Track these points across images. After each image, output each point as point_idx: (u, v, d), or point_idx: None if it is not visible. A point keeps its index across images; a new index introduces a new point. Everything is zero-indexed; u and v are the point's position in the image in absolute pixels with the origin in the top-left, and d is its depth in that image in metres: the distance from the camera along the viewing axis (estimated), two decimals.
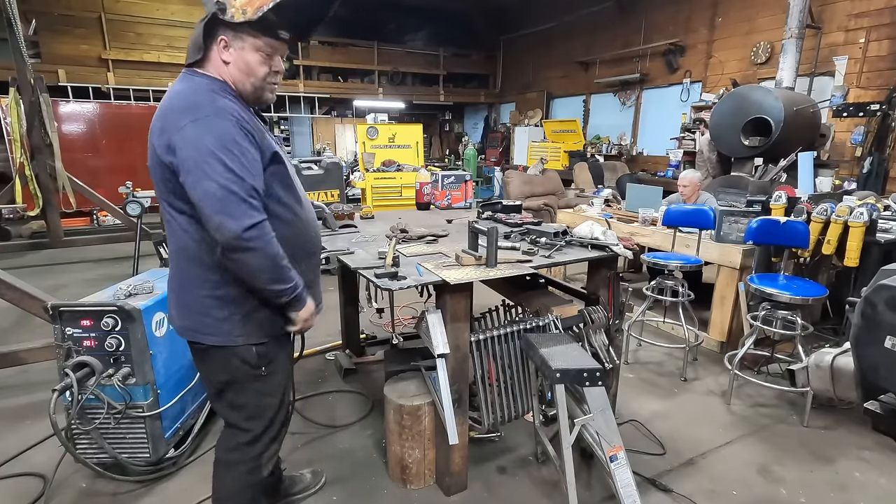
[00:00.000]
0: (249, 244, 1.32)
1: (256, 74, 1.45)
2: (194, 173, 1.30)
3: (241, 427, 1.60)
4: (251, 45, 1.42)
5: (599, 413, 1.84)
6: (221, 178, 1.29)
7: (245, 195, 1.32)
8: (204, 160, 1.29)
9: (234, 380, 1.54)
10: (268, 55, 1.45)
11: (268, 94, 1.51)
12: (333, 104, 12.30)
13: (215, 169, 1.29)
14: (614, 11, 9.37)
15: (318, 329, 3.84)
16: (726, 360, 3.19)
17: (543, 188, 7.54)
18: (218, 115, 1.33)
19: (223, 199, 1.29)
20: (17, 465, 2.33)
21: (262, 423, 1.61)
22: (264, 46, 1.43)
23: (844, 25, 6.09)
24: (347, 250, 2.33)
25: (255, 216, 1.33)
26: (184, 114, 1.33)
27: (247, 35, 1.40)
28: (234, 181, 1.31)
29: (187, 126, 1.31)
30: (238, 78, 1.44)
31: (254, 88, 1.47)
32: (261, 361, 1.54)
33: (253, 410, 1.59)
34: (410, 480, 2.24)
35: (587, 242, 2.40)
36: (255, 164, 1.38)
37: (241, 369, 1.52)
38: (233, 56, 1.42)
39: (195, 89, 1.39)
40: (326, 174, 4.21)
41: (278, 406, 1.65)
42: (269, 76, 1.48)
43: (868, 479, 2.36)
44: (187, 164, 1.30)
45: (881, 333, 2.32)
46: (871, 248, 3.14)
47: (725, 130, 5.65)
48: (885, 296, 2.30)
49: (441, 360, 2.02)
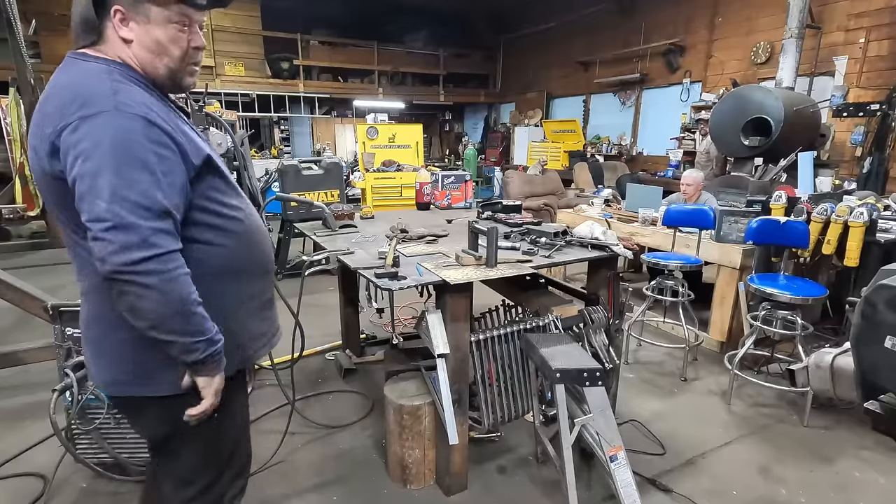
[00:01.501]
0: (143, 280, 1.01)
1: (171, 54, 1.14)
2: (81, 189, 1.01)
3: (189, 478, 1.32)
4: (160, 16, 1.11)
5: (599, 413, 1.84)
6: (115, 195, 0.99)
7: (149, 217, 1.02)
8: (95, 171, 1.00)
9: (179, 431, 1.23)
10: (184, 26, 1.14)
11: (187, 76, 1.21)
12: (333, 104, 12.30)
13: (107, 183, 0.99)
14: (614, 11, 9.38)
15: (317, 329, 3.87)
16: (726, 360, 3.19)
17: (543, 188, 7.54)
18: (119, 111, 1.03)
19: (114, 222, 0.99)
20: (17, 465, 2.33)
21: (216, 468, 1.35)
22: (177, 16, 1.12)
23: (844, 25, 6.08)
24: (347, 250, 2.33)
25: (157, 245, 1.02)
26: (72, 109, 1.03)
27: (152, 4, 1.10)
28: (134, 199, 1.01)
29: (77, 125, 1.01)
30: (146, 60, 1.13)
31: (169, 71, 1.16)
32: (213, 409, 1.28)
33: (204, 460, 1.33)
34: (410, 480, 2.24)
35: (587, 242, 2.40)
36: (172, 175, 1.08)
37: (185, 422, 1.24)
38: (135, 32, 1.11)
39: (86, 77, 1.07)
40: (326, 174, 4.19)
41: (234, 446, 1.39)
42: (189, 54, 1.18)
43: (868, 479, 2.36)
44: (75, 175, 1.01)
45: (881, 333, 2.33)
46: (871, 248, 3.14)
47: (725, 130, 5.65)
48: (885, 296, 2.30)
49: (441, 360, 2.02)
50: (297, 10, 10.84)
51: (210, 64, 9.88)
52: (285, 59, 10.84)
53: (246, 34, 10.35)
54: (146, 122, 1.05)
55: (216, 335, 1.14)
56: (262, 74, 10.64)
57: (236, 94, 10.30)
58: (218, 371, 1.18)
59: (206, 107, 2.64)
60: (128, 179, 1.01)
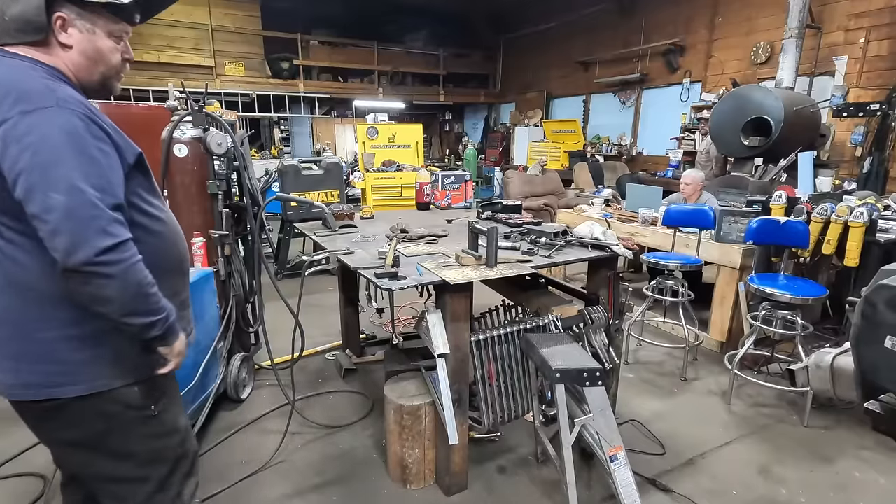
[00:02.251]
0: (106, 270, 1.04)
1: (109, 63, 1.20)
2: (31, 180, 1.01)
3: (136, 478, 1.29)
4: (105, 28, 1.17)
5: (599, 413, 1.84)
6: (72, 187, 1.02)
7: (105, 207, 1.05)
8: (47, 163, 1.01)
9: (113, 428, 1.23)
10: (119, 39, 1.21)
11: (116, 83, 1.26)
12: (333, 104, 12.30)
13: (63, 175, 1.02)
14: (614, 11, 9.38)
15: (317, 329, 3.88)
16: (726, 360, 3.19)
17: (543, 188, 7.54)
18: (62, 107, 1.05)
19: (74, 213, 1.01)
20: (17, 465, 2.33)
21: (166, 464, 1.33)
22: (118, 31, 1.20)
23: (844, 25, 6.08)
24: (347, 250, 2.33)
25: (116, 235, 1.06)
26: (6, 104, 1.03)
27: (100, 17, 1.15)
28: (89, 190, 1.03)
29: (17, 120, 1.02)
30: (83, 66, 1.17)
31: (102, 78, 1.21)
32: (149, 399, 1.27)
33: (148, 455, 1.30)
34: (410, 480, 2.24)
35: (587, 242, 2.40)
36: (113, 170, 1.11)
37: (122, 415, 1.23)
38: (77, 39, 1.14)
39: (15, 73, 1.08)
40: (326, 174, 4.20)
41: (182, 440, 1.38)
42: (121, 64, 1.24)
43: (868, 479, 2.36)
44: (21, 168, 1.01)
45: (881, 333, 2.33)
46: (871, 248, 3.14)
47: (725, 130, 5.65)
48: (885, 296, 2.30)
49: (441, 360, 2.02)
50: (297, 10, 10.84)
51: (210, 64, 9.89)
52: (285, 59, 10.84)
53: (246, 34, 10.35)
54: (87, 119, 1.08)
55: (170, 311, 1.21)
56: (262, 74, 10.64)
57: (236, 94, 10.31)
58: (176, 337, 1.24)
59: (206, 107, 2.64)
60: (81, 172, 1.04)
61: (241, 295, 2.87)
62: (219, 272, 2.72)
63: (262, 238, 2.69)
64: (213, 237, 2.68)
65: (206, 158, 2.60)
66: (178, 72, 9.42)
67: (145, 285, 1.12)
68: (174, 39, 9.56)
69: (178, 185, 2.60)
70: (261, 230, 2.47)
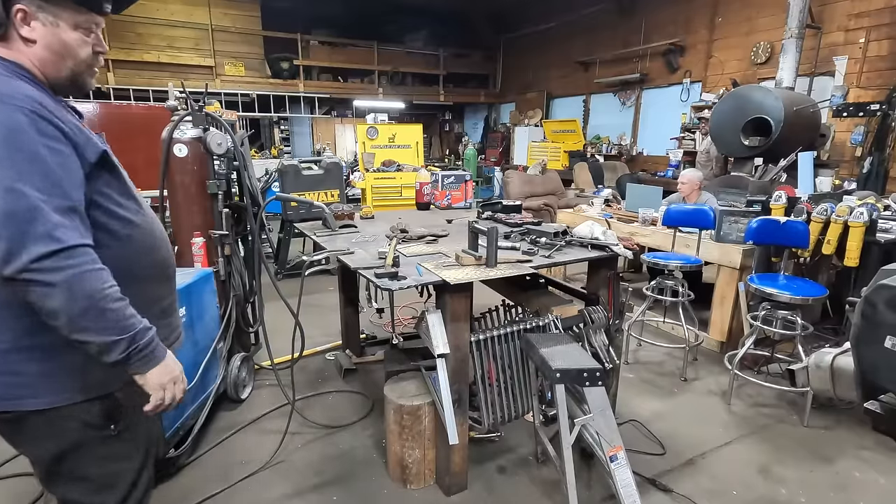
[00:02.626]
0: (45, 277, 0.96)
1: (77, 57, 1.13)
2: None
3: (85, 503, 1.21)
4: (70, 20, 1.10)
5: (599, 413, 1.84)
6: (9, 189, 0.95)
7: (49, 210, 0.97)
8: None
9: (70, 448, 1.15)
10: (88, 31, 1.14)
11: (88, 78, 1.19)
12: (333, 104, 12.30)
13: (2, 175, 0.96)
14: (614, 11, 9.37)
15: (317, 329, 3.88)
16: (726, 360, 3.19)
17: (543, 188, 7.54)
18: (3, 103, 0.99)
19: (12, 217, 0.95)
20: (18, 465, 2.32)
21: (118, 493, 1.23)
22: (85, 22, 1.13)
23: (844, 25, 6.08)
24: (347, 250, 2.33)
25: (60, 240, 0.97)
26: None
27: (64, 9, 1.09)
28: (30, 192, 0.96)
29: None
30: (49, 61, 1.11)
31: (71, 74, 1.14)
32: (109, 419, 1.18)
33: (102, 480, 1.21)
34: (410, 480, 2.24)
35: (587, 242, 2.40)
36: (66, 169, 1.03)
37: (80, 434, 1.15)
38: (40, 33, 1.08)
39: None
40: (326, 174, 4.21)
41: (139, 469, 1.27)
42: (92, 58, 1.17)
43: (868, 479, 2.36)
44: None
45: (881, 333, 2.33)
46: (871, 248, 3.14)
47: (725, 130, 5.65)
48: (885, 296, 2.30)
49: (441, 360, 2.02)
50: (297, 10, 10.84)
51: (210, 64, 9.90)
52: (285, 59, 10.84)
53: (246, 34, 10.35)
54: (34, 115, 1.01)
55: (141, 331, 1.08)
56: (262, 74, 10.64)
57: (236, 94, 10.30)
58: (151, 366, 1.11)
59: (206, 107, 2.64)
60: (20, 173, 0.97)
61: (241, 295, 2.87)
62: (219, 272, 2.72)
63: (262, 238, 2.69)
64: (213, 237, 2.68)
65: (206, 158, 2.60)
66: (178, 72, 9.43)
67: (100, 298, 1.01)
68: (174, 39, 9.56)
69: (178, 184, 2.60)
70: (261, 230, 2.47)
